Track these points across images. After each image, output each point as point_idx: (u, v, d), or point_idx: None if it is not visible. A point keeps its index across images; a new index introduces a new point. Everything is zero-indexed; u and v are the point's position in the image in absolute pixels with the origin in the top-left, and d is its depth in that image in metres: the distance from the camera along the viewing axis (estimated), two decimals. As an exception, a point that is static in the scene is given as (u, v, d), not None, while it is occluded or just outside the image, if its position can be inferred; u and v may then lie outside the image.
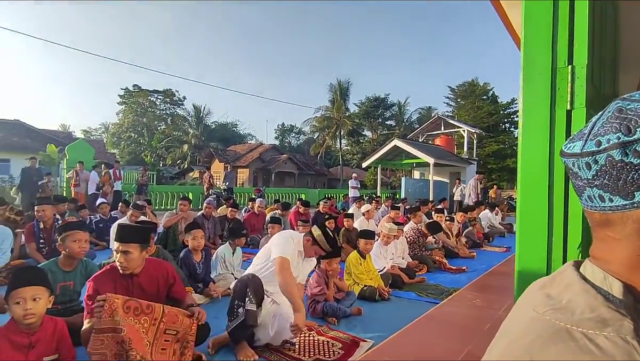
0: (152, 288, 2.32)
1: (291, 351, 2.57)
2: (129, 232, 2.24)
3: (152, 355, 1.99)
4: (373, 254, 4.32)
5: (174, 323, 2.11)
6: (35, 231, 4.68)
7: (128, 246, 2.16)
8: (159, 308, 2.08)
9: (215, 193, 12.68)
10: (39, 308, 1.83)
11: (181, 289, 2.49)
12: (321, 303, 3.26)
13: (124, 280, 2.24)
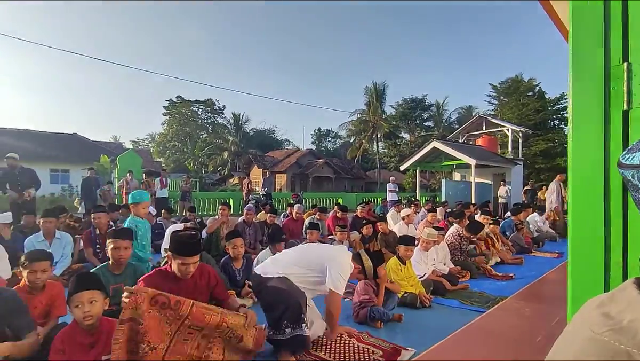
0: (197, 290, 2.44)
1: (332, 358, 2.57)
2: (195, 247, 2.35)
3: (172, 344, 2.07)
4: (413, 260, 4.22)
5: (200, 321, 2.15)
6: (92, 237, 5.04)
7: (193, 258, 2.32)
8: (187, 307, 2.12)
9: (254, 199, 12.99)
10: (96, 310, 1.98)
11: (223, 291, 2.59)
12: (367, 308, 3.24)
13: (172, 284, 2.35)
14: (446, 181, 17.40)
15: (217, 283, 2.54)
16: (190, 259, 2.31)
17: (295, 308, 2.41)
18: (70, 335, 1.96)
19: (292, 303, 2.42)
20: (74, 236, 5.20)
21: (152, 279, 2.34)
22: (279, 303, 2.45)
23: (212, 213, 13.23)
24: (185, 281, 2.40)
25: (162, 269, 2.43)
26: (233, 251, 3.85)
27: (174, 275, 2.37)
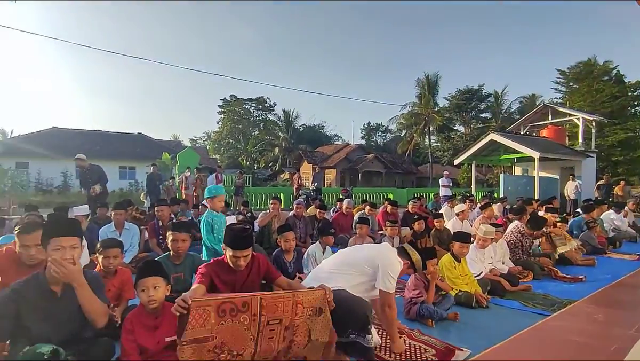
0: (252, 278, 2.54)
1: (382, 353, 2.53)
2: (246, 241, 2.43)
3: (259, 346, 1.96)
4: (468, 257, 4.02)
5: (274, 312, 2.04)
6: (155, 228, 5.43)
7: (244, 252, 2.40)
8: (256, 302, 2.01)
9: (304, 193, 13.19)
10: (159, 294, 2.13)
11: (274, 271, 2.65)
12: (417, 304, 3.17)
13: (228, 273, 2.47)
14: (505, 175, 16.34)
15: (268, 267, 2.62)
16: (241, 252, 2.39)
17: (362, 318, 2.28)
18: (138, 317, 2.13)
19: (359, 313, 2.29)
20: (139, 227, 5.63)
21: (210, 267, 2.47)
22: (345, 313, 2.30)
23: (263, 207, 13.65)
24: (241, 271, 2.50)
25: (220, 259, 2.55)
26: (285, 245, 3.93)
27: (229, 266, 2.48)
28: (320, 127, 49.29)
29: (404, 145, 35.90)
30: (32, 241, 2.42)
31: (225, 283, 2.46)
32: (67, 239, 1.96)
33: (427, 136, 35.42)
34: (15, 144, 21.62)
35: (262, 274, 2.61)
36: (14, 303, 1.88)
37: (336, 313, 2.27)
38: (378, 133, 52.66)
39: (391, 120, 37.15)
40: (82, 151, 7.84)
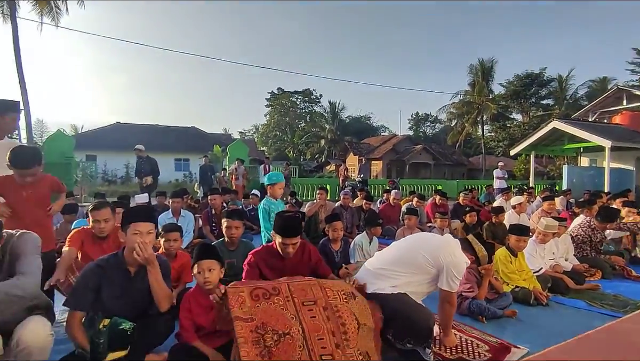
0: (300, 266, 2.58)
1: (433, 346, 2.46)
2: (295, 229, 2.48)
3: (304, 323, 1.92)
4: (526, 252, 3.77)
5: (305, 295, 2.06)
6: (209, 216, 5.70)
7: (292, 240, 2.45)
8: (285, 287, 2.06)
9: (350, 185, 13.13)
10: (214, 277, 2.23)
11: (324, 267, 2.69)
12: (468, 299, 3.04)
13: (278, 259, 2.54)
14: (569, 166, 15.05)
15: (319, 260, 2.66)
16: (290, 240, 2.44)
17: (425, 331, 2.20)
18: (194, 297, 2.26)
19: (423, 325, 2.19)
20: (194, 215, 5.94)
21: (258, 255, 2.54)
22: (407, 321, 2.19)
23: (310, 198, 13.80)
24: (290, 258, 2.55)
25: (269, 245, 2.62)
26: (333, 234, 3.93)
27: (278, 252, 2.53)
28: (367, 118, 48.71)
29: (454, 136, 34.33)
30: (101, 216, 2.81)
31: (273, 269, 2.52)
32: (144, 225, 2.12)
33: (480, 126, 33.56)
34: (85, 138, 23.67)
35: (312, 265, 2.61)
36: (97, 276, 2.07)
37: (397, 320, 2.18)
38: (427, 123, 50.94)
39: (441, 109, 35.57)
40: (141, 144, 8.39)
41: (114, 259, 2.14)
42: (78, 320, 2.01)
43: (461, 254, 2.42)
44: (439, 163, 31.46)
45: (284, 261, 2.53)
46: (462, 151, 37.03)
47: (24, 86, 19.02)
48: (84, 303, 2.04)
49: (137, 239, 2.06)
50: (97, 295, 2.07)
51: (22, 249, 1.84)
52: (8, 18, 18.84)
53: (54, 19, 19.73)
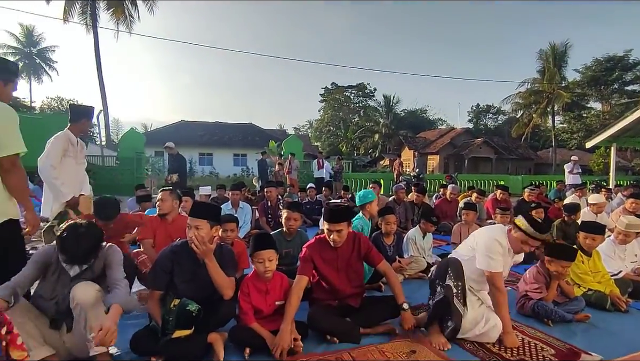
0: (352, 257, 2.62)
1: (490, 345, 2.35)
2: (340, 215, 2.51)
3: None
4: (604, 253, 3.43)
5: (367, 358, 2.24)
6: (265, 208, 5.93)
7: (336, 226, 2.48)
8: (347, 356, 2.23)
9: (404, 179, 12.84)
10: (273, 265, 2.35)
11: (376, 254, 2.68)
12: (533, 300, 2.84)
13: (331, 251, 2.58)
14: (658, 160, 13.28)
15: (369, 248, 2.65)
16: (334, 225, 2.46)
17: (442, 267, 2.48)
18: (252, 282, 2.39)
19: (440, 267, 2.52)
20: (251, 207, 6.22)
21: (311, 247, 2.59)
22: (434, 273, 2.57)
23: (363, 192, 13.70)
24: (342, 248, 2.58)
25: (322, 237, 2.65)
26: (386, 227, 3.88)
27: (330, 243, 2.57)
28: (423, 111, 46.98)
29: (519, 128, 31.78)
30: (159, 196, 3.38)
31: (326, 261, 2.57)
32: (199, 221, 2.23)
33: (551, 117, 30.84)
34: (154, 136, 25.71)
35: (363, 254, 2.63)
36: (170, 261, 2.29)
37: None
38: (488, 115, 47.89)
39: (505, 100, 33.02)
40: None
41: (185, 247, 2.31)
42: (156, 298, 2.26)
43: (494, 235, 2.45)
44: (501, 157, 29.49)
45: (336, 251, 2.57)
46: (529, 144, 34.35)
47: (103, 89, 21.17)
48: (159, 284, 2.27)
49: (193, 232, 2.21)
50: (170, 278, 2.27)
51: (111, 259, 2.14)
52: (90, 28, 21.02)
53: (127, 27, 21.64)
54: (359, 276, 2.69)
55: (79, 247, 1.94)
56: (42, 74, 34.41)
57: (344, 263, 2.60)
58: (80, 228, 1.99)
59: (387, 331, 2.52)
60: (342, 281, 2.59)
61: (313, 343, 2.37)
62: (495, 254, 2.38)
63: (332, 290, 2.60)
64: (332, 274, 2.57)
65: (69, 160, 3.38)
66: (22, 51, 33.20)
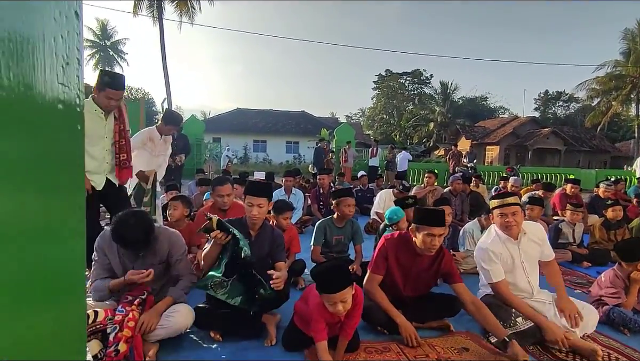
0: (432, 270, 2.45)
1: (556, 350, 2.19)
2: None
3: None
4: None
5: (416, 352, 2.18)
6: (317, 195, 5.99)
7: (261, 200, 2.41)
8: (395, 346, 2.26)
9: (461, 171, 12.26)
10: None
11: (456, 273, 2.44)
12: (608, 305, 2.61)
13: (410, 254, 2.39)
14: None
15: (451, 267, 2.43)
16: (255, 199, 2.36)
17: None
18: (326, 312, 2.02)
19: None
20: (304, 193, 6.32)
21: (390, 243, 2.42)
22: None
23: (417, 183, 13.35)
24: (423, 257, 2.36)
25: (404, 234, 2.46)
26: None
27: (413, 245, 2.35)
28: (483, 99, 44.18)
29: (595, 117, 28.53)
30: (224, 191, 3.33)
31: (400, 264, 2.40)
32: (257, 198, 2.38)
33: (634, 104, 27.45)
34: (212, 123, 26.98)
35: (442, 273, 2.42)
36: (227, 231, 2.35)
37: None
38: (558, 103, 43.85)
39: (579, 86, 29.65)
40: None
41: (239, 222, 2.42)
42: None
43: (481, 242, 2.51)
44: (571, 149, 26.99)
45: (414, 258, 2.38)
46: (606, 135, 31.00)
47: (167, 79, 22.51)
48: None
49: (256, 210, 2.35)
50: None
51: (175, 248, 2.32)
52: (157, 20, 22.35)
53: (190, 18, 22.70)
54: (426, 287, 2.52)
55: (129, 235, 2.01)
56: (114, 65, 37.34)
57: (418, 272, 2.42)
58: (131, 218, 2.06)
59: (440, 326, 2.45)
60: (407, 288, 2.46)
61: (363, 332, 2.35)
62: (487, 263, 2.36)
63: (392, 289, 2.43)
64: (399, 279, 2.42)
65: (145, 152, 3.88)
66: (98, 44, 36.24)
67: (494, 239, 2.47)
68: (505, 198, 2.49)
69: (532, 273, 2.44)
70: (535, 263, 2.49)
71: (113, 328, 1.92)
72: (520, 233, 2.44)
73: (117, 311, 1.98)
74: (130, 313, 1.97)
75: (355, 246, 3.48)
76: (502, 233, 2.45)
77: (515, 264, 2.42)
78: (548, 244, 2.53)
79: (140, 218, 2.10)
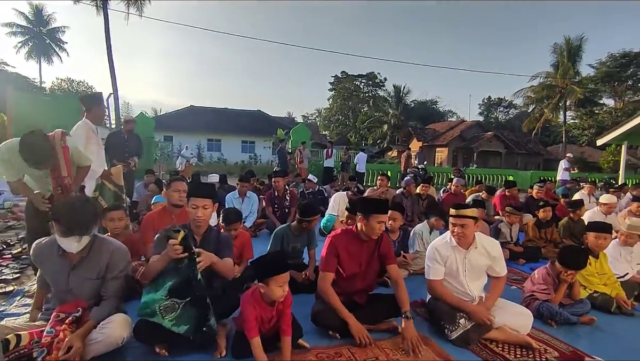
0: (376, 254, 2.57)
1: (493, 345, 2.36)
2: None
3: None
4: (610, 255, 3.41)
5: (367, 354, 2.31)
6: (271, 198, 5.92)
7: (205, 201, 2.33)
8: (346, 351, 2.25)
9: (412, 172, 12.77)
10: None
11: (392, 256, 2.61)
12: (539, 300, 2.85)
13: (358, 244, 2.52)
14: (671, 160, 13.07)
15: (389, 249, 2.60)
16: (200, 201, 2.29)
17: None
18: (257, 300, 2.10)
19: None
20: (259, 196, 6.22)
21: (337, 238, 2.51)
22: None
23: (371, 184, 13.69)
24: (368, 243, 2.53)
25: (350, 229, 2.59)
26: (392, 225, 3.86)
27: (358, 235, 2.51)
28: (433, 102, 46.41)
29: (530, 122, 31.24)
30: (181, 186, 3.23)
31: (351, 254, 2.50)
32: (201, 200, 2.28)
33: (562, 112, 30.26)
34: (163, 120, 25.79)
35: (383, 251, 2.56)
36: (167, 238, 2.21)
37: None
38: (499, 109, 47.24)
39: (517, 94, 32.33)
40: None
41: (183, 228, 2.31)
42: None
43: (435, 241, 2.74)
44: (511, 152, 29.13)
45: (362, 245, 2.52)
46: (539, 139, 33.84)
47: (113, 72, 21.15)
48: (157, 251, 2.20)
49: (201, 212, 2.27)
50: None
51: (115, 264, 2.14)
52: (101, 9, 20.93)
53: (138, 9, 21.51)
54: (375, 273, 2.64)
55: (75, 216, 1.88)
56: (52, 54, 34.38)
57: (367, 258, 2.54)
58: (77, 202, 1.95)
59: (389, 328, 2.53)
60: (360, 275, 2.55)
61: (315, 338, 2.38)
62: (431, 261, 2.60)
63: (345, 284, 2.52)
64: (353, 268, 2.51)
65: (93, 147, 3.65)
66: (31, 30, 33.13)
67: (445, 242, 2.64)
68: (460, 210, 2.58)
69: (472, 282, 2.59)
70: (479, 274, 2.62)
71: (40, 351, 1.75)
72: (473, 245, 2.57)
73: (46, 333, 1.81)
74: (61, 333, 1.81)
75: (309, 252, 3.48)
76: (454, 240, 2.59)
77: (459, 271, 2.57)
78: (502, 263, 2.61)
79: (86, 201, 2.02)
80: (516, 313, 2.54)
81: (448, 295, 2.55)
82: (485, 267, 2.61)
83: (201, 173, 11.60)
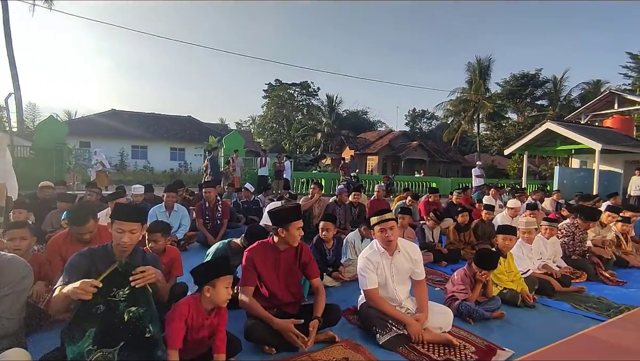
0: (295, 263, 2.63)
1: (419, 347, 2.51)
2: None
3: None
4: (515, 254, 3.84)
5: None
6: (202, 209, 5.65)
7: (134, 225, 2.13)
8: None
9: (345, 180, 13.16)
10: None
11: (315, 268, 2.68)
12: (458, 300, 3.09)
13: (274, 254, 2.57)
14: (561, 168, 15.25)
15: (310, 260, 2.67)
16: (127, 225, 2.08)
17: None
18: (196, 303, 2.07)
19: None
20: (188, 208, 5.90)
21: (255, 249, 2.55)
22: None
23: (305, 192, 13.82)
24: (286, 252, 2.58)
25: (267, 241, 2.63)
26: (326, 235, 3.93)
27: (275, 247, 2.57)
28: (364, 113, 48.48)
29: (450, 133, 34.41)
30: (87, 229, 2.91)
31: (267, 264, 2.53)
32: (127, 224, 2.07)
33: (476, 124, 33.69)
34: (79, 125, 23.36)
35: (302, 263, 2.64)
36: (88, 259, 2.07)
37: None
38: (423, 120, 50.95)
39: (438, 106, 35.51)
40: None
41: (103, 251, 2.13)
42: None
43: (364, 251, 2.85)
44: (434, 160, 31.58)
45: (279, 254, 2.57)
46: (458, 148, 37.16)
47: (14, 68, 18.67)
48: (68, 279, 1.95)
49: (128, 237, 2.07)
50: (85, 278, 1.88)
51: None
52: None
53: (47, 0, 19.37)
54: (298, 284, 2.69)
55: None
56: None
57: (286, 268, 2.59)
58: None
59: (326, 339, 2.56)
60: (281, 286, 2.58)
61: (250, 354, 2.34)
62: (364, 270, 2.71)
63: (270, 296, 2.55)
64: (271, 278, 2.55)
65: None
66: None
67: (374, 251, 2.79)
68: (383, 215, 2.77)
69: (399, 286, 2.77)
70: (405, 278, 2.82)
71: None
72: (396, 249, 2.75)
73: None
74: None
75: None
76: (380, 247, 2.76)
77: (387, 276, 2.74)
78: (421, 266, 2.81)
79: None
80: (440, 313, 2.74)
81: (385, 305, 2.66)
82: (409, 271, 2.79)
83: (124, 183, 10.72)
